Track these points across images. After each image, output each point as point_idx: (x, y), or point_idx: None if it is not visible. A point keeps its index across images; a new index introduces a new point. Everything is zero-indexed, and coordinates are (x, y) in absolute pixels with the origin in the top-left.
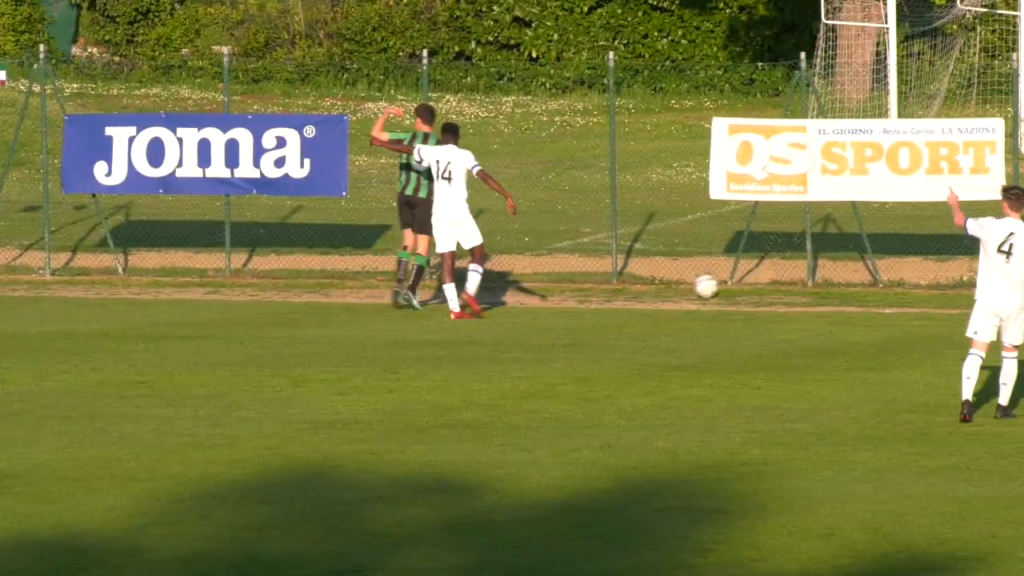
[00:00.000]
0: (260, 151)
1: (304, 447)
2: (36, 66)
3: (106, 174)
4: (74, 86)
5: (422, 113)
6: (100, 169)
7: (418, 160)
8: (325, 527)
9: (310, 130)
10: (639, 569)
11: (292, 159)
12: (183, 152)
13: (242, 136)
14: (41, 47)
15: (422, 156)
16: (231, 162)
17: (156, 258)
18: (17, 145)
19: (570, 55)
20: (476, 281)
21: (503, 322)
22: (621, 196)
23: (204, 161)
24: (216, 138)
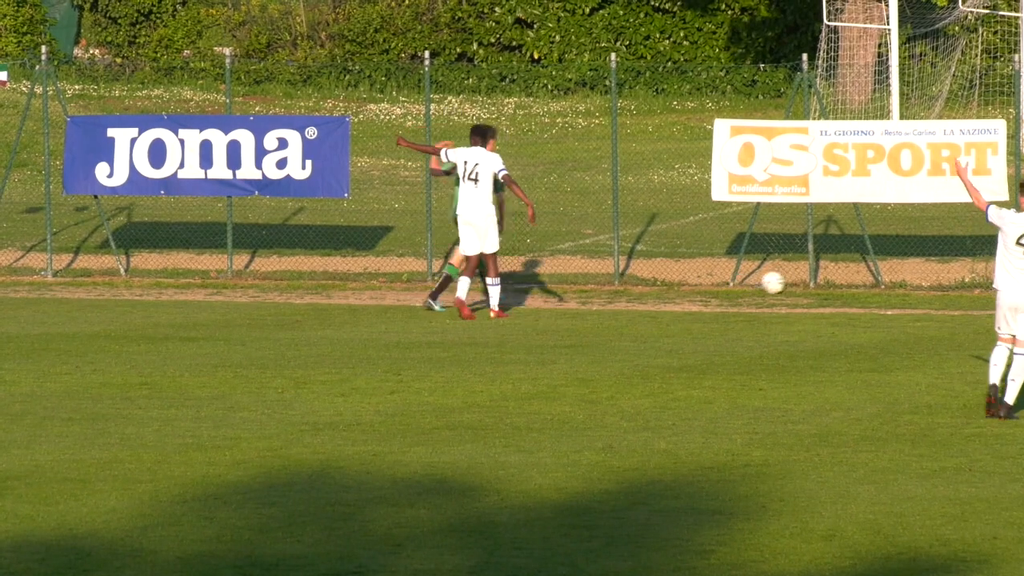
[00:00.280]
0: (262, 152)
1: (306, 448)
2: (38, 67)
3: (108, 175)
4: (76, 87)
5: (492, 134)
6: (102, 170)
7: (444, 162)
8: (327, 528)
9: (312, 131)
10: (641, 570)
11: (294, 160)
12: (185, 153)
13: (244, 137)
14: (43, 48)
15: (448, 158)
16: (233, 163)
17: (158, 259)
18: (19, 146)
19: (572, 56)
20: (496, 294)
21: (505, 324)
22: (623, 197)
23: (206, 162)
24: (218, 139)
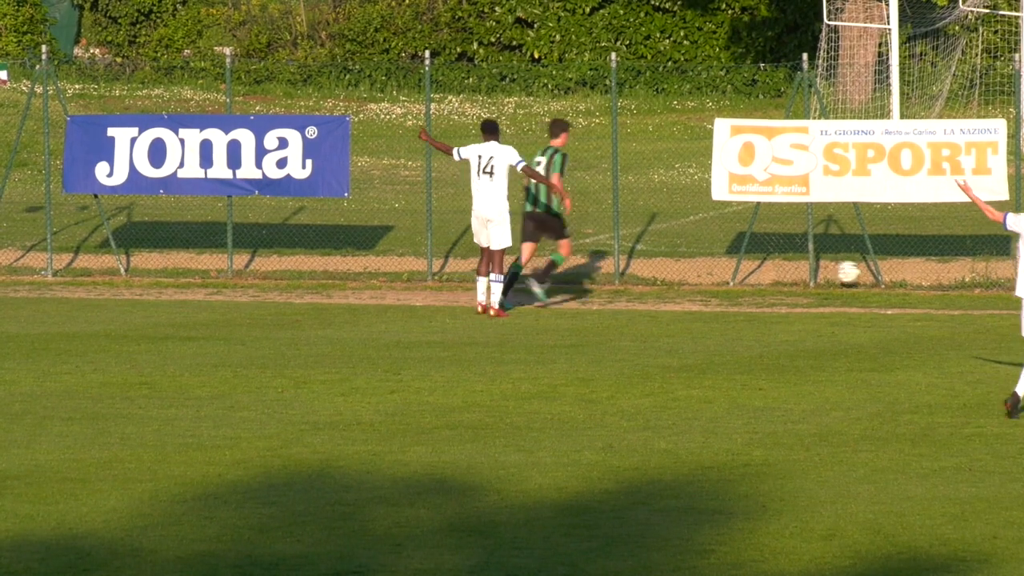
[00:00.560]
0: (262, 152)
1: (306, 448)
2: (38, 67)
3: (108, 175)
4: (76, 87)
5: (554, 127)
6: (102, 170)
7: (457, 159)
8: (327, 528)
9: (312, 131)
10: (641, 570)
11: (294, 160)
12: (185, 153)
13: (244, 137)
14: (43, 48)
15: (461, 155)
16: (233, 163)
17: (158, 259)
18: (19, 146)
19: (572, 56)
20: (498, 290)
21: (505, 323)
22: (623, 197)
23: (206, 162)
24: (218, 139)
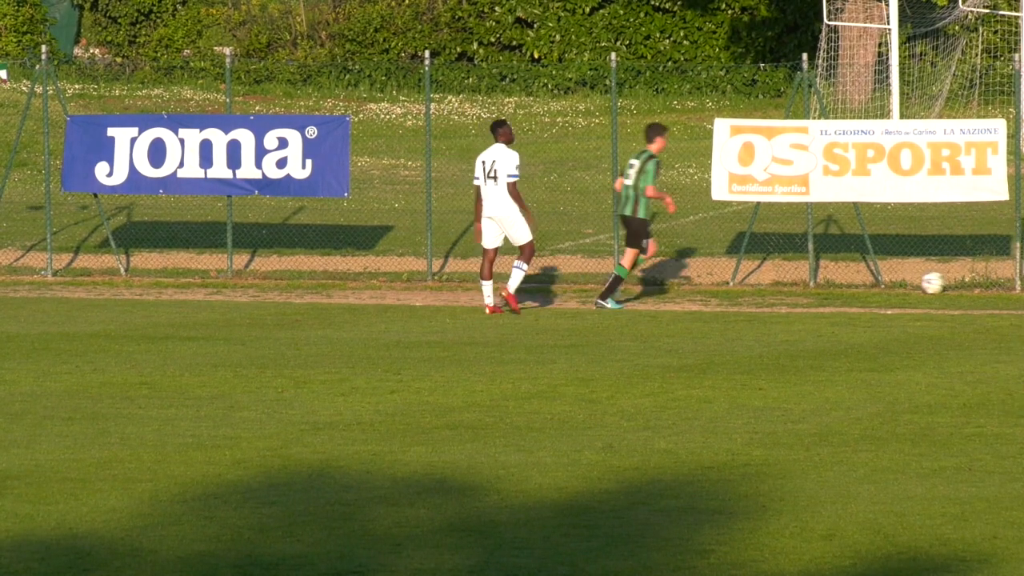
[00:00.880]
0: (262, 152)
1: (306, 448)
2: (38, 67)
3: (107, 174)
4: (76, 87)
5: (649, 131)
6: (101, 169)
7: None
8: (327, 528)
9: (312, 131)
10: (641, 570)
11: (294, 160)
12: (185, 153)
13: (244, 137)
14: (43, 48)
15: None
16: (233, 163)
17: (158, 259)
18: (19, 146)
19: (572, 56)
20: (518, 278)
21: (505, 323)
22: None
23: (206, 162)
24: (218, 139)
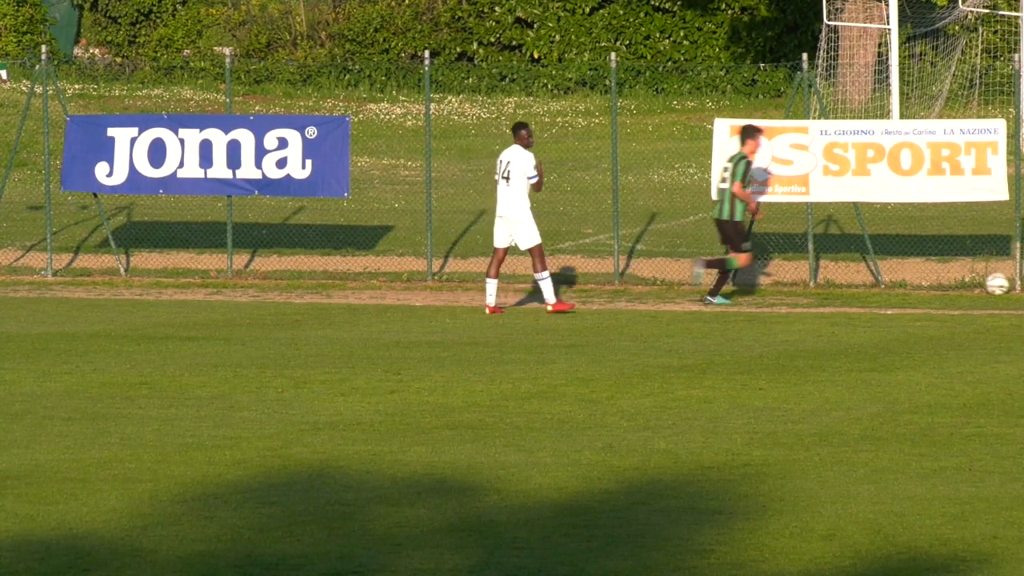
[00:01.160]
0: (262, 152)
1: (306, 448)
2: (38, 67)
3: (107, 175)
4: (76, 87)
5: (742, 133)
6: (101, 169)
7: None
8: (327, 528)
9: (312, 131)
10: (641, 570)
11: (294, 160)
12: (185, 153)
13: (244, 137)
14: (43, 48)
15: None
16: (233, 163)
17: (158, 259)
18: (19, 146)
19: (572, 56)
20: (548, 288)
21: (505, 323)
22: (623, 197)
23: (206, 162)
24: (218, 139)
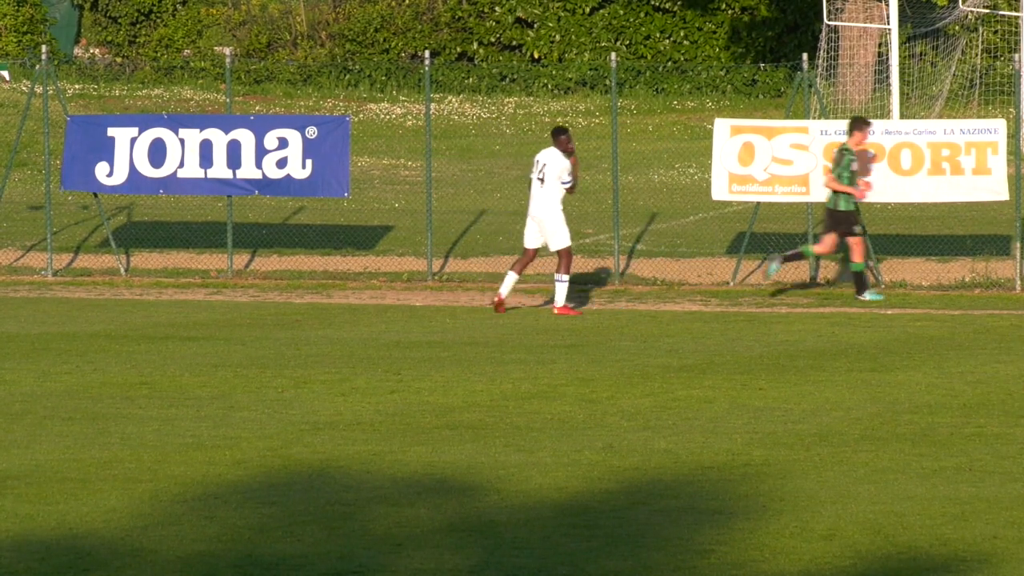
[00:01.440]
0: (262, 152)
1: (306, 448)
2: (38, 67)
3: (107, 174)
4: (76, 87)
5: (854, 126)
6: (102, 169)
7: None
8: (327, 528)
9: (312, 131)
10: (641, 570)
11: (294, 160)
12: (185, 153)
13: (244, 137)
14: (43, 48)
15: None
16: (233, 163)
17: (158, 259)
18: (19, 146)
19: (572, 56)
20: (562, 292)
21: (505, 323)
22: (623, 197)
23: (206, 162)
24: (218, 139)
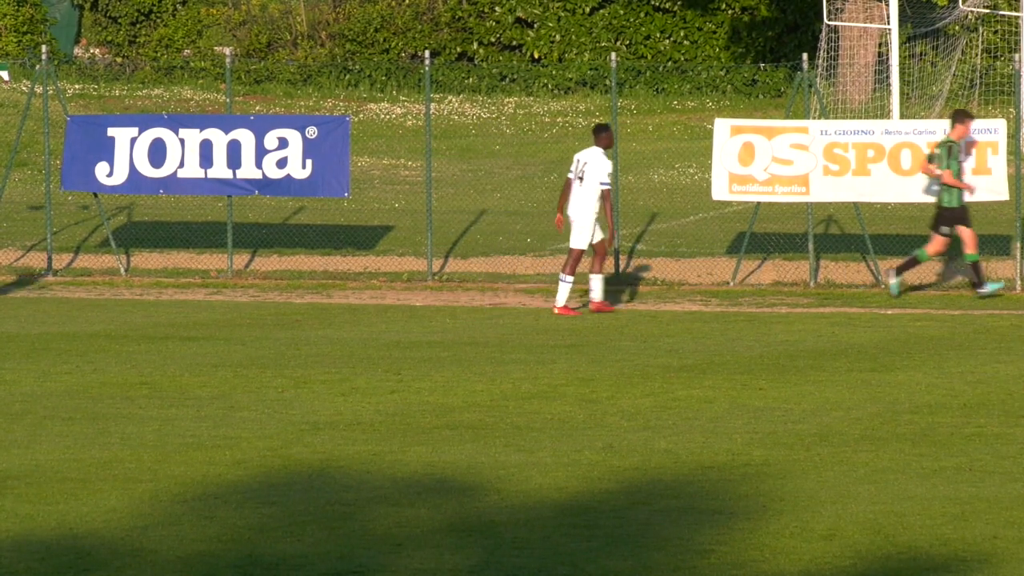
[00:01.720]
0: (262, 152)
1: (306, 448)
2: (38, 67)
3: (108, 175)
4: (76, 87)
5: (957, 119)
6: (102, 169)
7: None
8: (327, 528)
9: (312, 131)
10: (641, 570)
11: (294, 160)
12: (185, 153)
13: (244, 137)
14: (43, 48)
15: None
16: (233, 163)
17: (158, 259)
18: (19, 146)
19: (572, 56)
20: (564, 292)
21: (505, 323)
22: (623, 197)
23: (206, 162)
24: (218, 139)
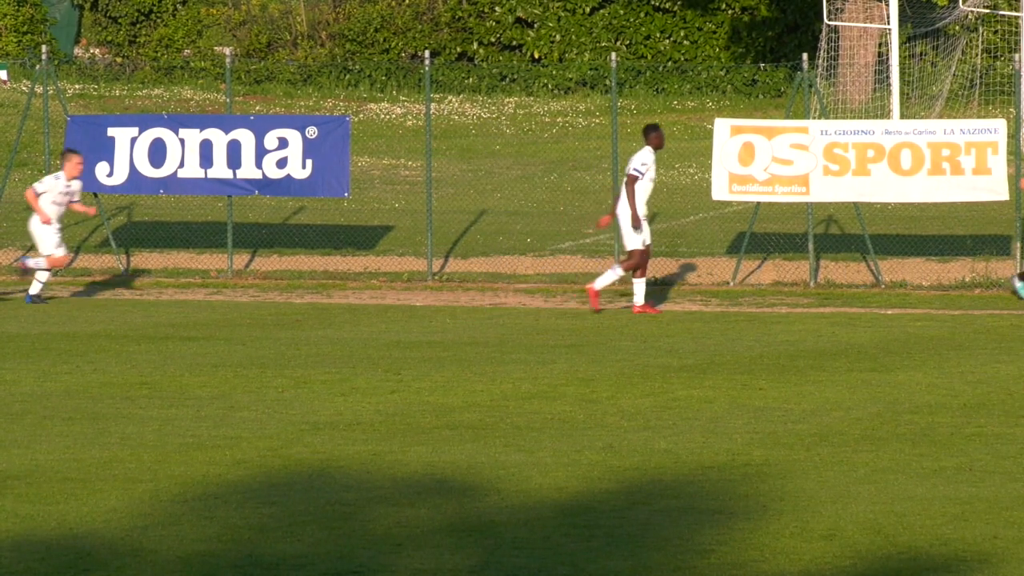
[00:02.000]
0: (262, 152)
1: (306, 448)
2: (38, 67)
3: (108, 174)
4: (76, 87)
5: None
6: (102, 169)
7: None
8: (327, 528)
9: (312, 131)
10: (641, 570)
11: (294, 160)
12: (185, 153)
13: (244, 137)
14: (43, 48)
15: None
16: (233, 163)
17: (158, 259)
18: (19, 146)
19: (572, 56)
20: (608, 278)
21: (505, 323)
22: None
23: (206, 162)
24: (218, 139)
